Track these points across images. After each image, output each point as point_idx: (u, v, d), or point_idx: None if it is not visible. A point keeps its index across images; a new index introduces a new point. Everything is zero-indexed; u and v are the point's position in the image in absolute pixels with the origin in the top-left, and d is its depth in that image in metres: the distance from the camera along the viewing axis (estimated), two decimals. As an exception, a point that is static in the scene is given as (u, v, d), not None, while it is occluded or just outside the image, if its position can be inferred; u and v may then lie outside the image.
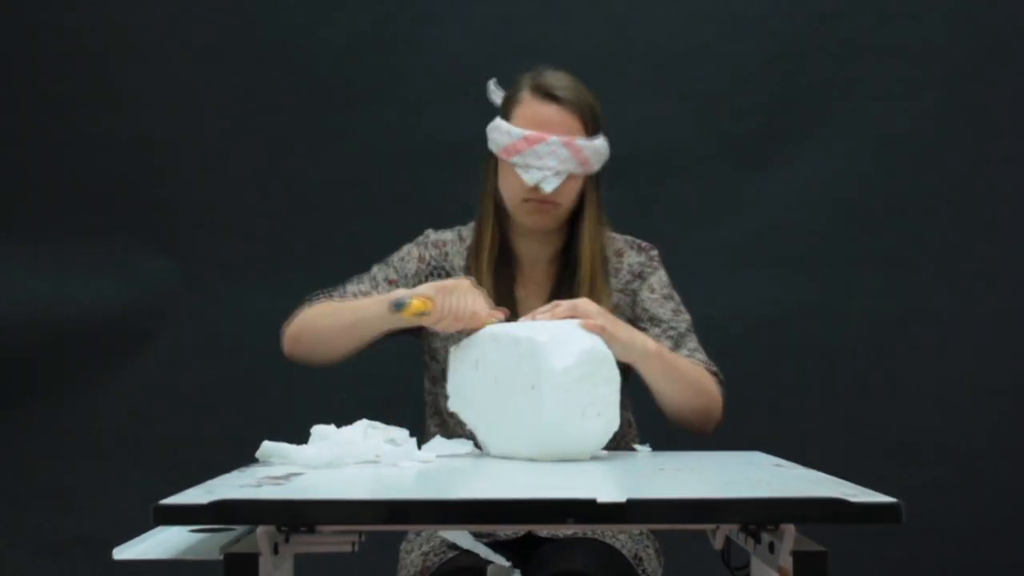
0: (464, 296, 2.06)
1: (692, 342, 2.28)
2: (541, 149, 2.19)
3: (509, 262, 2.31)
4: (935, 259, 3.44)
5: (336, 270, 3.44)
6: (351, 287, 2.34)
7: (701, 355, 2.27)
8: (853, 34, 3.45)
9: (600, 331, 1.98)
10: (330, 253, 3.48)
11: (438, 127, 3.42)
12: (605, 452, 2.04)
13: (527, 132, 2.20)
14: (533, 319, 2.05)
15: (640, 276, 2.32)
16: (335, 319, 2.21)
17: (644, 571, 2.13)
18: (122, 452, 3.47)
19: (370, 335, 2.19)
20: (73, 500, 3.47)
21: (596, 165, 2.25)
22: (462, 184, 2.43)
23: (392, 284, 2.31)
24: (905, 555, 3.32)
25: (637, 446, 2.22)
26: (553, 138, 2.19)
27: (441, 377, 2.27)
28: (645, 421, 2.38)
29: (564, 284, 2.27)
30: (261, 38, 3.51)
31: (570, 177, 2.22)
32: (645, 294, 2.31)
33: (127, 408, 3.48)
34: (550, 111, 2.22)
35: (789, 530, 1.49)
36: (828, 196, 3.44)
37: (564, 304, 2.06)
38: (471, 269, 2.29)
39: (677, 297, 2.34)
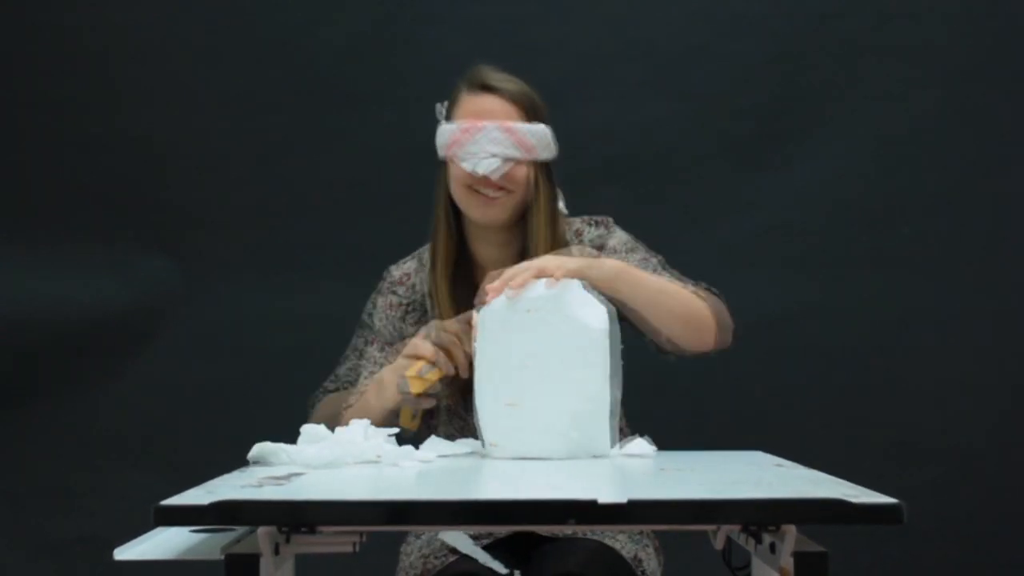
0: (440, 333, 2.05)
1: (669, 274, 2.22)
2: (479, 137, 2.19)
3: (470, 271, 2.28)
4: (935, 259, 3.44)
5: (336, 270, 3.47)
6: (342, 370, 2.31)
7: (685, 281, 2.20)
8: (853, 34, 3.45)
9: (577, 275, 1.96)
10: (330, 253, 3.49)
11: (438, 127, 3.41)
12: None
13: (463, 124, 2.20)
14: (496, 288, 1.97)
15: (601, 247, 2.29)
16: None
17: (643, 571, 2.13)
18: (122, 452, 3.47)
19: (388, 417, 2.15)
20: (73, 500, 3.47)
21: (541, 152, 2.22)
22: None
23: (371, 344, 2.29)
24: (905, 555, 3.33)
25: (641, 439, 2.14)
26: (488, 124, 2.19)
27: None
28: (644, 419, 2.37)
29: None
30: (261, 38, 3.51)
31: (513, 163, 2.20)
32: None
33: (127, 408, 3.49)
34: (486, 101, 2.22)
35: (790, 531, 1.49)
36: (828, 196, 3.45)
37: (525, 268, 1.97)
38: (431, 279, 2.27)
39: (642, 245, 2.29)
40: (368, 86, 3.49)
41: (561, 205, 2.29)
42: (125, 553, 1.54)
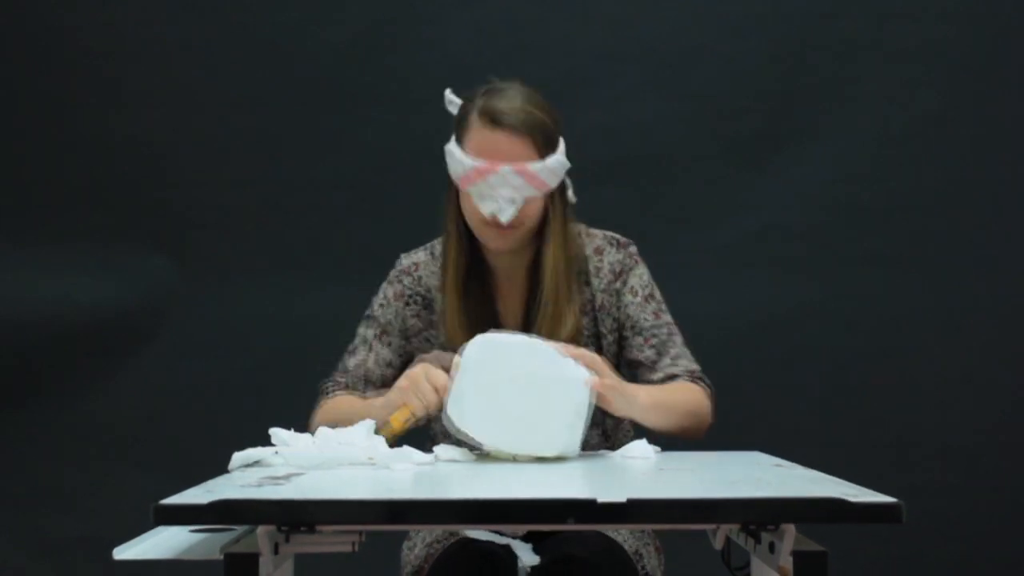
0: (426, 380, 2.02)
1: (675, 346, 2.27)
2: (493, 179, 2.14)
3: (484, 277, 2.29)
4: (935, 259, 3.44)
5: (336, 270, 3.47)
6: (352, 361, 2.30)
7: (685, 361, 2.26)
8: (853, 34, 3.45)
9: (606, 390, 2.00)
10: (330, 253, 3.49)
11: (438, 127, 3.40)
12: (606, 452, 2.04)
13: (478, 163, 2.15)
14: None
15: (620, 275, 2.30)
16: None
17: (643, 568, 2.14)
18: (122, 452, 3.47)
19: None
20: (73, 500, 3.47)
21: (553, 182, 2.20)
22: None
23: (380, 339, 2.29)
24: (905, 555, 3.33)
25: (642, 441, 2.15)
26: (504, 167, 2.14)
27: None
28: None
29: (538, 295, 2.25)
30: (261, 38, 3.51)
31: (527, 200, 2.18)
32: (628, 298, 2.29)
33: (127, 408, 3.48)
34: (499, 138, 2.15)
35: (789, 530, 1.49)
36: (828, 196, 3.45)
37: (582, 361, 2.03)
38: (442, 289, 2.27)
39: (658, 295, 2.31)
40: (368, 86, 3.49)
41: (570, 194, 2.29)
42: (124, 553, 1.54)
